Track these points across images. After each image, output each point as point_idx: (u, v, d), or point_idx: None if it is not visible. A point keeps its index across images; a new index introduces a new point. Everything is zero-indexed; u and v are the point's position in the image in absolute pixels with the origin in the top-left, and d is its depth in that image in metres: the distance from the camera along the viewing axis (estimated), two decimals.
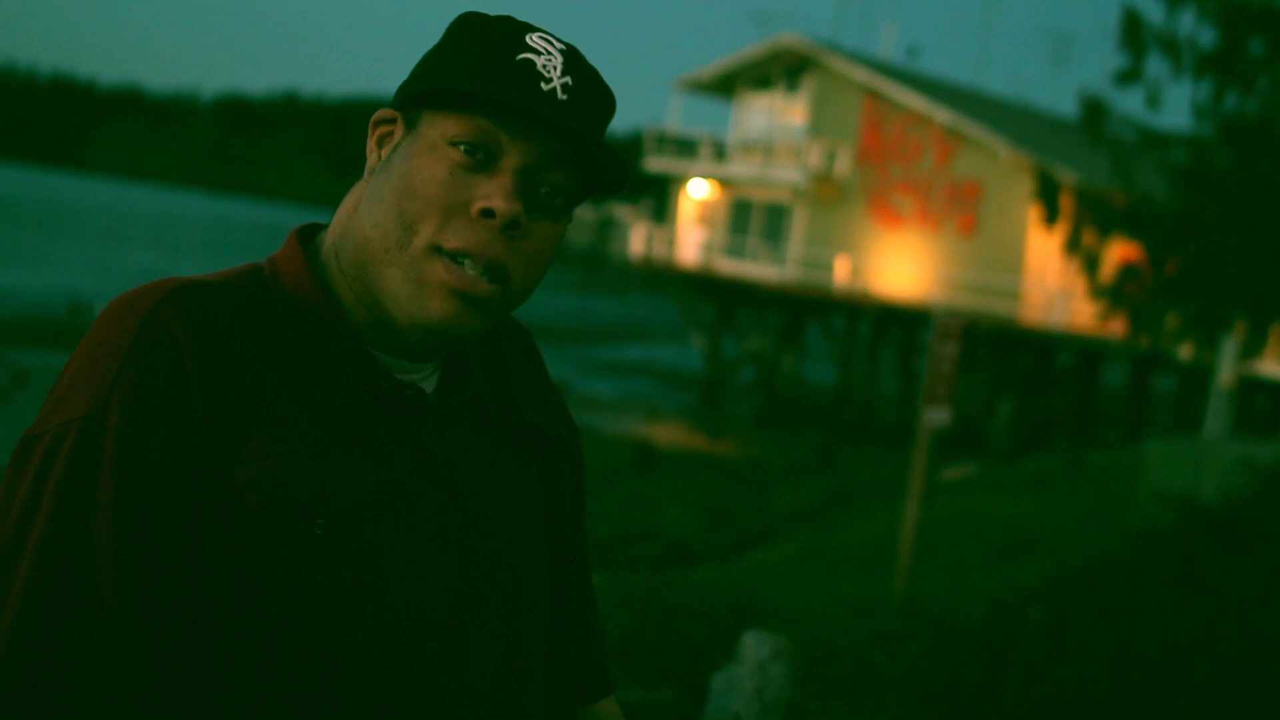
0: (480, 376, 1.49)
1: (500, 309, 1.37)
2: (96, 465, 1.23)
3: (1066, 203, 17.13)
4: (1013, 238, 29.42)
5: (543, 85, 1.34)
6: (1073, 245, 16.27)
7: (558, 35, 1.40)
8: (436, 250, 1.32)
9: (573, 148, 1.35)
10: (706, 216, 34.83)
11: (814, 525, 14.18)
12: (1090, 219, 16.08)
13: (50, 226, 67.97)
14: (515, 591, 1.44)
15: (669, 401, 30.05)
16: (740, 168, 33.89)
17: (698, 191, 35.02)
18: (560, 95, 1.34)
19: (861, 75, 32.31)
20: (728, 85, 35.36)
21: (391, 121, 1.41)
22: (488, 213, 1.31)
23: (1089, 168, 24.74)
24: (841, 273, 31.18)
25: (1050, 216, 17.47)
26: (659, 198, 38.75)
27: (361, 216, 1.37)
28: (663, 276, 36.09)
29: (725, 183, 34.47)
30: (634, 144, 51.59)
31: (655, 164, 35.84)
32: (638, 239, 35.69)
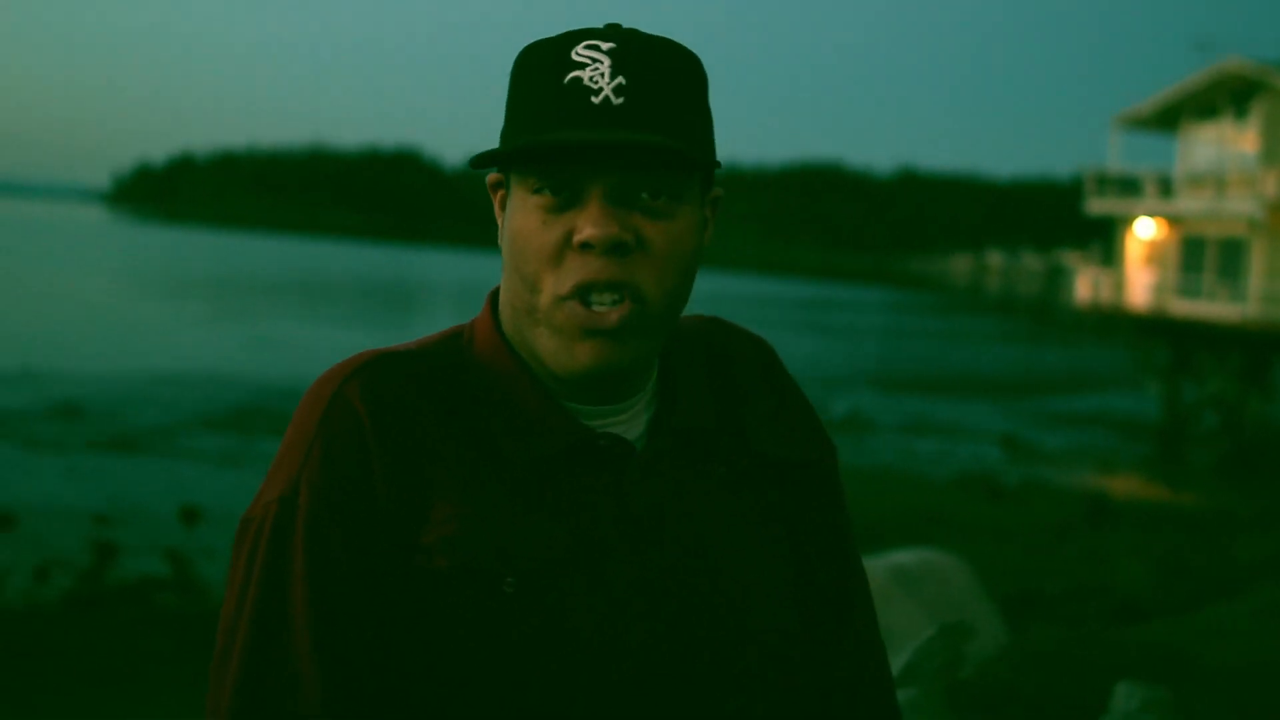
0: (695, 412, 1.44)
1: (649, 328, 1.35)
2: (290, 543, 1.32)
3: None
4: None
5: (593, 100, 1.31)
6: None
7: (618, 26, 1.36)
8: (562, 299, 1.32)
9: (646, 150, 1.31)
10: (1154, 256, 33.30)
11: None
12: None
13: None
14: (737, 639, 1.38)
15: (1124, 452, 28.77)
16: (1188, 203, 32.25)
17: (1144, 231, 33.56)
18: (614, 100, 1.31)
19: None
20: (1169, 118, 33.78)
21: (500, 184, 1.42)
22: (586, 245, 1.30)
23: None
24: None
25: None
26: (1105, 241, 37.39)
27: (504, 286, 1.40)
28: (1112, 321, 34.70)
29: (1173, 220, 32.88)
30: (1075, 187, 50.04)
31: (1097, 206, 34.60)
32: (1084, 285, 34.48)
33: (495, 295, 1.47)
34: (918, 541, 12.92)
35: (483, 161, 1.34)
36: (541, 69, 1.35)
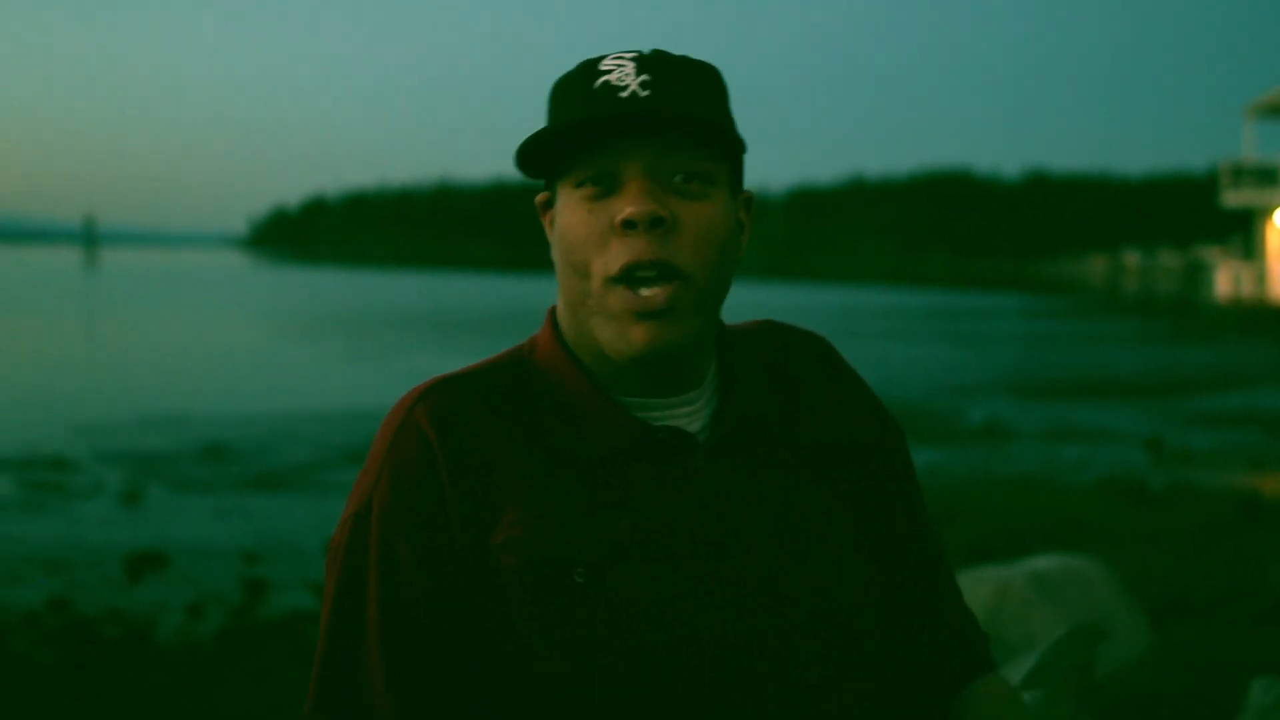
0: (755, 402, 1.49)
1: (694, 304, 1.41)
2: (365, 558, 1.40)
3: None
4: None
5: (620, 95, 1.39)
6: None
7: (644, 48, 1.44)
8: (611, 281, 1.39)
9: (679, 131, 1.39)
10: None
11: None
12: None
13: None
14: (813, 619, 1.41)
15: (1274, 450, 27.96)
16: None
17: None
18: (641, 93, 1.39)
19: None
20: None
21: (547, 203, 1.50)
22: (628, 224, 1.38)
23: None
24: None
25: None
26: (1244, 234, 36.49)
27: (560, 289, 1.47)
28: (1256, 316, 33.84)
29: None
30: (1210, 180, 48.91)
31: (1234, 199, 33.81)
32: (1224, 280, 33.72)
33: (554, 311, 1.54)
34: (1062, 548, 12.66)
35: (527, 150, 1.42)
36: (571, 83, 1.45)
